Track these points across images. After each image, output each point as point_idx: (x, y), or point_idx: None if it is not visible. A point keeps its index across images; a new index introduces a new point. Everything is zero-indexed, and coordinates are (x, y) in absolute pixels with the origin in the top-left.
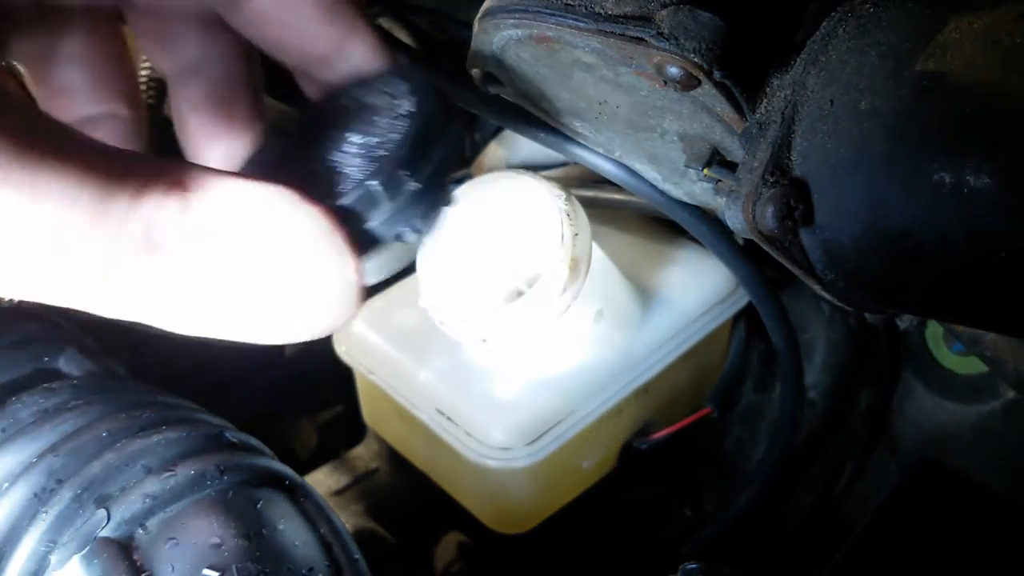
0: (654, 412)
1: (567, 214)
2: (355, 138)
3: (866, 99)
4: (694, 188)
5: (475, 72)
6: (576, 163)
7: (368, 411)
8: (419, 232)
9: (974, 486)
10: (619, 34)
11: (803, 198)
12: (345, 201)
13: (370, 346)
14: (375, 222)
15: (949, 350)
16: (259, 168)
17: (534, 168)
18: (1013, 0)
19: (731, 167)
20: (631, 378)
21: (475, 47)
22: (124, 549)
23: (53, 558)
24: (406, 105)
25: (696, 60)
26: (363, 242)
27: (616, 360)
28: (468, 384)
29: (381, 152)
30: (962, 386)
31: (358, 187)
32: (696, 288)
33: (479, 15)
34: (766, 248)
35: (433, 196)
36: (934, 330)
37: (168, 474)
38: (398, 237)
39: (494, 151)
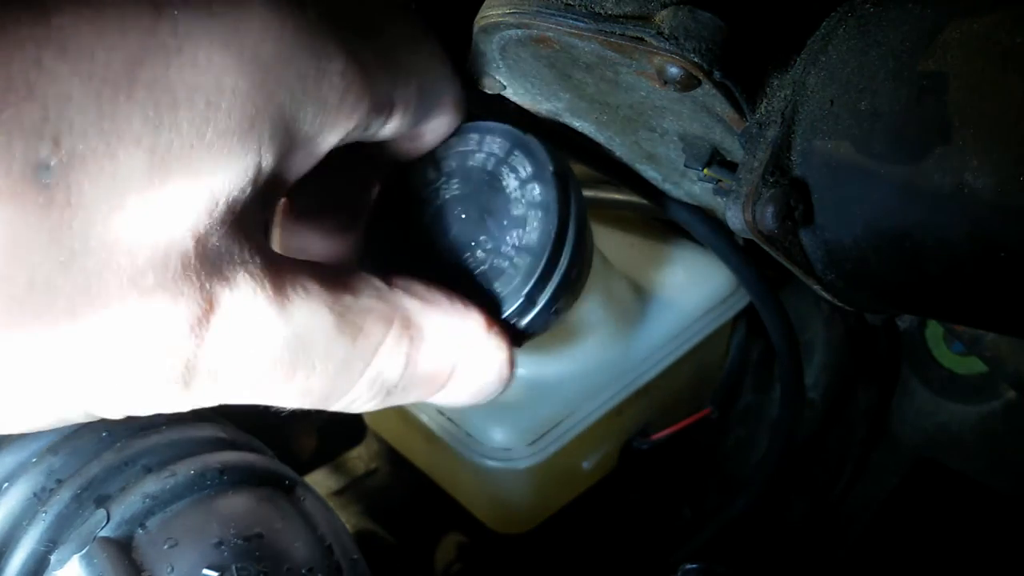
0: (654, 412)
1: None
2: (494, 227)
3: (866, 99)
4: (694, 188)
5: (475, 73)
6: (576, 163)
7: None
8: (561, 316)
9: (974, 486)
10: (619, 34)
11: (803, 198)
12: (508, 315)
13: None
14: (526, 320)
15: (949, 350)
16: (386, 256)
17: None
18: (1013, 1)
19: (731, 167)
20: (631, 379)
21: (475, 47)
22: (124, 549)
23: (53, 558)
24: (542, 191)
25: (696, 60)
26: (518, 338)
27: (616, 361)
28: None
29: (531, 242)
30: (962, 386)
31: (516, 295)
32: (696, 288)
33: (479, 15)
34: (766, 248)
35: (573, 283)
36: (934, 330)
37: (168, 474)
38: (544, 327)
39: None
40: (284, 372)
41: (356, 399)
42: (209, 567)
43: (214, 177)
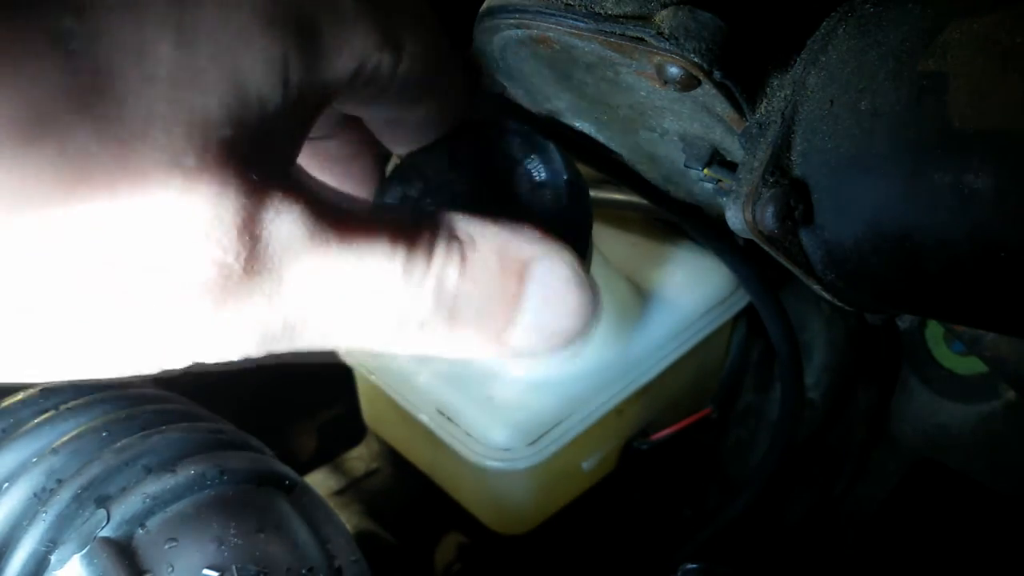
0: (654, 413)
1: None
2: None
3: (866, 99)
4: (694, 188)
5: (475, 72)
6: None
7: (368, 411)
8: None
9: (974, 486)
10: (619, 34)
11: (803, 198)
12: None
13: None
14: None
15: (949, 350)
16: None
17: None
18: (1013, 1)
19: (731, 167)
20: (631, 379)
21: (475, 47)
22: (124, 549)
23: (53, 558)
24: (552, 196)
25: (696, 60)
26: None
27: (616, 361)
28: (469, 385)
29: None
30: (962, 386)
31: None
32: (696, 288)
33: (479, 15)
34: (766, 248)
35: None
36: (934, 330)
37: (168, 474)
38: None
39: None
40: (346, 293)
41: (425, 319)
42: (209, 567)
43: (243, 64)
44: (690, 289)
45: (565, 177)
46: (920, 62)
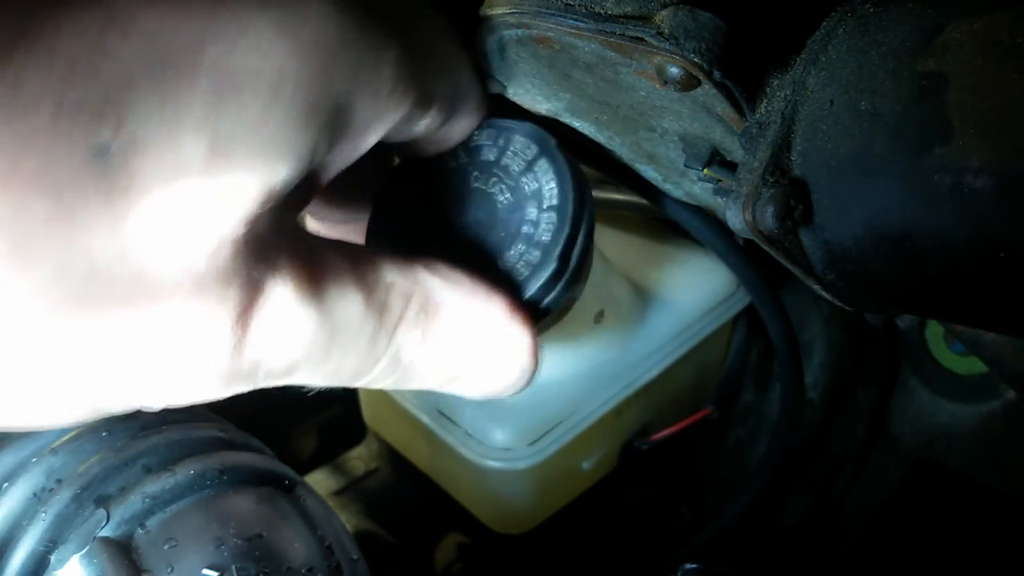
0: (654, 413)
1: None
2: (507, 224)
3: (866, 99)
4: (694, 188)
5: None
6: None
7: (368, 411)
8: (573, 298)
9: (974, 486)
10: (619, 34)
11: (803, 198)
12: (530, 295)
13: None
14: (547, 299)
15: (949, 350)
16: (395, 233)
17: None
18: (1013, 1)
19: (731, 167)
20: (631, 379)
21: (475, 47)
22: (124, 549)
23: (53, 558)
24: (555, 196)
25: (696, 60)
26: (536, 317)
27: (616, 361)
28: None
29: (544, 239)
30: (962, 386)
31: (536, 279)
32: (696, 288)
33: (479, 15)
34: (766, 248)
35: (582, 269)
36: (934, 330)
37: (168, 474)
38: (562, 308)
39: None
40: (321, 355)
41: (376, 376)
42: (209, 567)
43: (272, 166)
44: (690, 289)
45: (568, 176)
46: (920, 62)
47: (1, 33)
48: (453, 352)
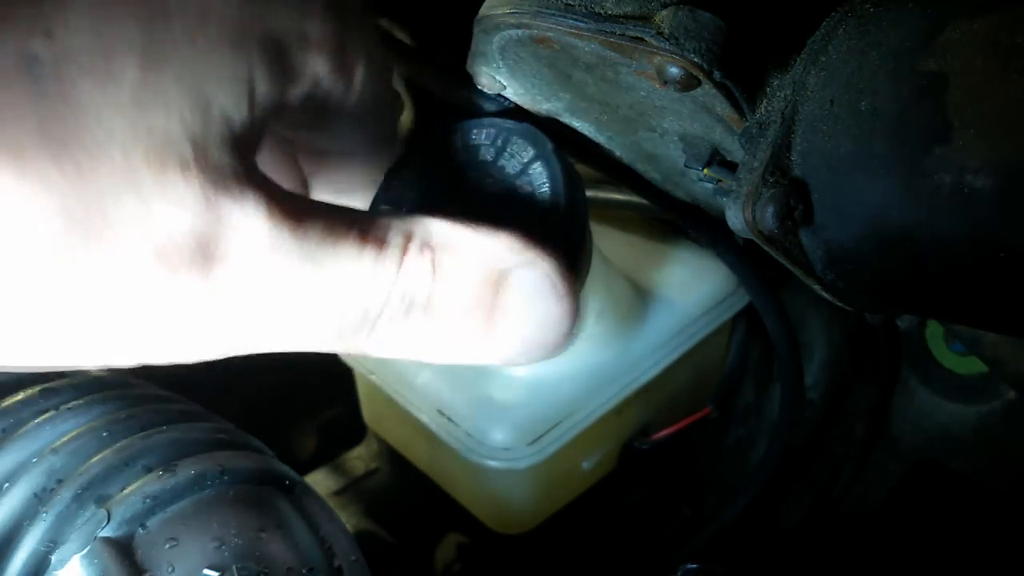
0: (654, 412)
1: None
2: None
3: (866, 99)
4: (694, 188)
5: (475, 72)
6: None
7: (368, 411)
8: None
9: (974, 486)
10: (619, 34)
11: (803, 198)
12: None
13: None
14: None
15: (949, 350)
16: (415, 191)
17: None
18: (1013, 1)
19: (731, 167)
20: (631, 379)
21: (475, 47)
22: (124, 549)
23: (53, 558)
24: (547, 202)
25: (696, 60)
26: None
27: (616, 360)
28: (469, 385)
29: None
30: (962, 386)
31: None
32: (696, 288)
33: (479, 15)
34: (766, 248)
35: (579, 273)
36: (934, 330)
37: (168, 474)
38: None
39: None
40: (308, 297)
41: (392, 320)
42: (209, 567)
43: (207, 83)
44: (690, 289)
45: (562, 181)
46: (920, 62)
47: None
48: (474, 297)
